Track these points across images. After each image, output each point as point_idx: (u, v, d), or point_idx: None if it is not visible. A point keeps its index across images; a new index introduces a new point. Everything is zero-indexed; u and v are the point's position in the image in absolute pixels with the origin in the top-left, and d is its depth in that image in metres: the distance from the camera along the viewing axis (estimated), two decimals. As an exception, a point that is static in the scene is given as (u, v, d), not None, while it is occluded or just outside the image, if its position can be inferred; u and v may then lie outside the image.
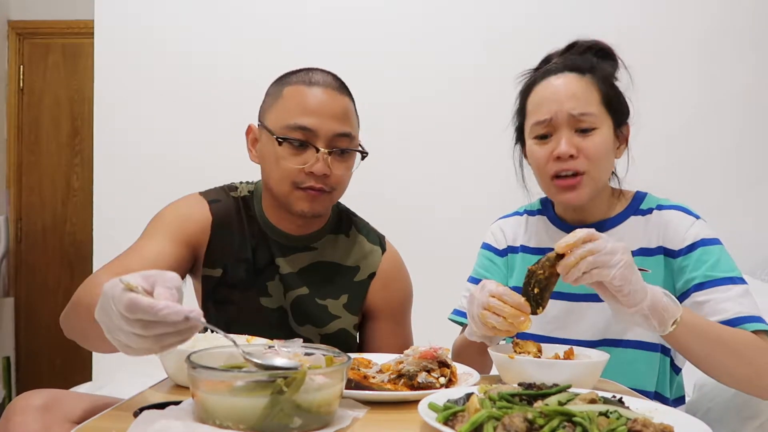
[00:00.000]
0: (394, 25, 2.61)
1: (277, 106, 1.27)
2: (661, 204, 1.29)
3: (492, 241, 1.44)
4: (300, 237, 1.35)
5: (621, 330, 1.25)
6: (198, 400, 0.75)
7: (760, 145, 2.55)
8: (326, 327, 1.36)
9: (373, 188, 2.32)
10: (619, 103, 1.28)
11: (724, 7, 2.55)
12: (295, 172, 1.24)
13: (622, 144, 1.31)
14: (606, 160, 1.25)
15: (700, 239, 1.21)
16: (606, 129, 1.24)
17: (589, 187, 1.24)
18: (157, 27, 2.63)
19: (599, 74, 1.27)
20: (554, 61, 1.31)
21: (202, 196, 1.36)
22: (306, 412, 0.74)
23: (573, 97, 1.23)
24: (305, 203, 1.25)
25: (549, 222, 1.37)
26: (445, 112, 2.58)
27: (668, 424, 0.70)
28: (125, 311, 0.71)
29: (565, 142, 1.22)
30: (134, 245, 1.24)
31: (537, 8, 2.57)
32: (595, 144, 1.22)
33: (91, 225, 2.63)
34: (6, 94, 3.76)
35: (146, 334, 0.71)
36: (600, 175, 1.25)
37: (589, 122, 1.22)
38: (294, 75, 1.30)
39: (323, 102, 1.24)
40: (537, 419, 0.69)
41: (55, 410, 1.01)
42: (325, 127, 1.23)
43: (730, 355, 1.09)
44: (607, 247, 0.98)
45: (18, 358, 3.71)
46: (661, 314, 1.02)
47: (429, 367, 0.98)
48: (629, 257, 1.00)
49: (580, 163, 1.22)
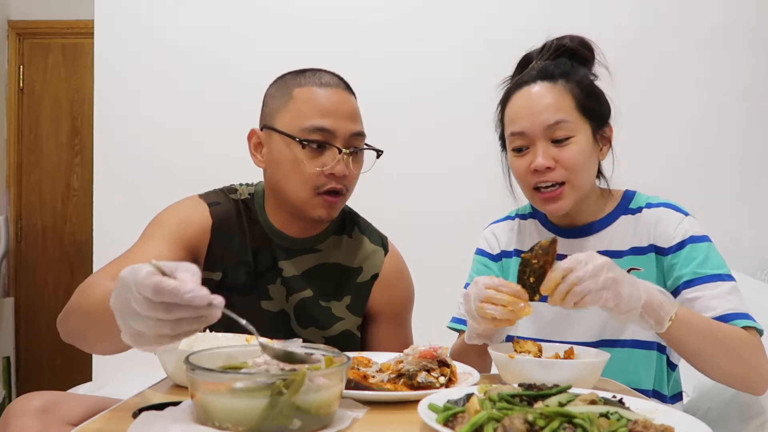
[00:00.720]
0: (394, 24, 2.61)
1: (289, 109, 1.25)
2: (650, 202, 1.29)
3: (486, 246, 1.44)
4: (304, 239, 1.34)
5: (618, 330, 1.25)
6: (197, 401, 0.75)
7: (760, 145, 2.55)
8: (330, 329, 1.35)
9: (372, 188, 2.33)
10: (597, 105, 1.27)
11: (724, 7, 2.55)
12: (315, 175, 1.23)
13: (604, 146, 1.29)
14: (586, 167, 1.24)
15: (689, 236, 1.21)
16: (582, 136, 1.23)
17: (570, 197, 1.23)
18: (157, 27, 2.63)
19: (574, 78, 1.25)
20: (530, 66, 1.29)
21: (202, 198, 1.34)
22: (305, 413, 0.73)
23: (546, 108, 1.22)
24: (323, 210, 1.25)
25: (540, 225, 1.38)
26: (447, 111, 2.58)
27: (669, 425, 0.70)
28: (152, 294, 0.69)
29: (541, 154, 1.21)
30: (132, 248, 1.23)
31: (537, 8, 2.56)
32: (572, 154, 1.21)
33: (91, 225, 2.63)
34: (6, 94, 3.76)
35: (168, 318, 0.70)
36: (581, 182, 1.24)
37: (564, 130, 1.21)
38: (301, 76, 1.28)
39: (337, 102, 1.24)
40: (537, 421, 0.69)
41: (53, 412, 1.01)
42: (343, 127, 1.23)
43: (723, 351, 1.10)
44: (589, 271, 0.98)
45: (18, 358, 3.71)
46: (657, 313, 1.03)
47: (429, 367, 0.98)
48: (615, 272, 1.00)
49: (558, 174, 1.21)
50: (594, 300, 0.98)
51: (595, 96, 1.27)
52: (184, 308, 0.70)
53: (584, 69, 1.28)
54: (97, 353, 1.01)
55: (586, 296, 0.98)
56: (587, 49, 1.29)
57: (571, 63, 1.27)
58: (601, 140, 1.27)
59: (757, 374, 1.12)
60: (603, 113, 1.28)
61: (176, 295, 0.69)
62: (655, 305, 1.02)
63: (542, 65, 1.27)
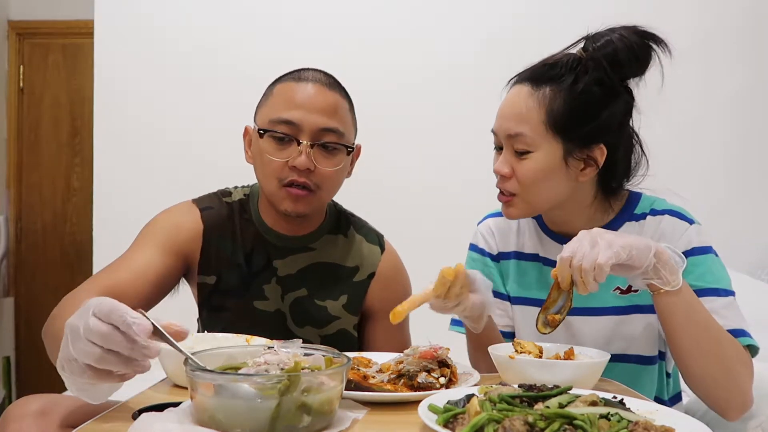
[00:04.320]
0: (394, 20, 2.61)
1: (267, 104, 1.28)
2: (655, 208, 1.25)
3: (483, 244, 1.38)
4: (297, 238, 1.34)
5: (623, 346, 1.23)
6: (197, 403, 0.75)
7: (760, 145, 2.55)
8: (326, 328, 1.35)
9: (372, 187, 2.33)
10: (578, 124, 1.15)
11: (717, 7, 2.55)
12: (279, 167, 1.23)
13: (588, 167, 1.18)
14: (543, 184, 1.17)
15: (690, 248, 1.18)
16: (543, 153, 1.15)
17: (521, 209, 1.20)
18: (157, 27, 2.63)
19: (564, 86, 1.15)
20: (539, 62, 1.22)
21: (195, 203, 1.35)
22: (311, 410, 0.74)
23: (513, 116, 1.17)
24: (289, 203, 1.24)
25: (539, 228, 1.33)
26: (445, 109, 2.58)
27: (669, 426, 0.70)
28: (104, 313, 0.73)
29: (501, 159, 1.20)
30: (123, 255, 1.25)
31: (536, 8, 2.57)
32: (526, 169, 1.16)
33: (91, 225, 2.63)
34: (6, 94, 3.75)
35: (101, 344, 0.72)
36: (533, 198, 1.19)
37: (522, 144, 1.16)
38: (288, 74, 1.30)
39: (309, 96, 1.24)
40: (537, 422, 0.69)
41: (51, 415, 1.01)
42: (310, 120, 1.22)
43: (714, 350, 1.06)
44: (585, 245, 0.99)
45: (18, 358, 3.71)
46: (670, 264, 1.02)
47: (429, 367, 0.98)
48: (611, 233, 1.01)
49: (511, 184, 1.19)
50: (607, 259, 0.96)
51: (582, 115, 1.15)
52: (121, 341, 0.72)
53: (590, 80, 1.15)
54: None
55: (597, 263, 0.96)
56: (638, 59, 1.18)
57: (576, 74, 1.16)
58: (577, 161, 1.17)
59: (739, 393, 1.08)
60: (587, 134, 1.16)
61: (121, 316, 0.72)
62: (666, 254, 1.02)
63: (538, 66, 1.20)
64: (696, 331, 1.06)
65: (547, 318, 1.07)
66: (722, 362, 1.07)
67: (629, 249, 0.98)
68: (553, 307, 1.07)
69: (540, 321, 1.07)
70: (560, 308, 1.06)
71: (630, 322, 1.24)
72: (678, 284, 1.03)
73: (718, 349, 1.07)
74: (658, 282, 1.03)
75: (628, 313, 1.24)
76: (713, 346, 1.07)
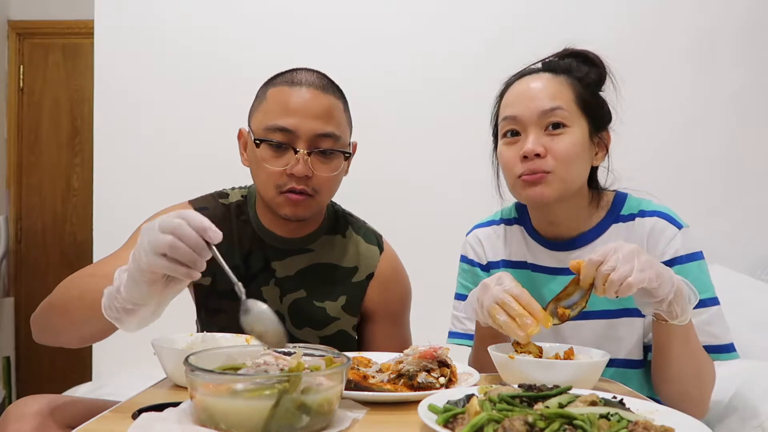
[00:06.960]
0: (394, 20, 2.61)
1: (260, 109, 1.27)
2: (644, 209, 1.24)
3: (473, 255, 1.39)
4: (295, 239, 1.34)
5: (613, 350, 1.22)
6: (197, 402, 0.75)
7: (759, 144, 2.55)
8: (325, 329, 1.35)
9: (371, 187, 2.33)
10: (597, 106, 1.24)
11: (717, 8, 2.54)
12: (277, 174, 1.22)
13: (600, 151, 1.25)
14: (576, 162, 1.19)
15: (677, 256, 1.18)
16: (578, 129, 1.19)
17: (554, 187, 1.18)
18: (157, 27, 2.63)
19: (576, 75, 1.23)
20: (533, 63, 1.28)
21: (191, 204, 1.35)
22: (310, 410, 0.74)
23: (544, 94, 1.19)
24: (288, 208, 1.24)
25: (527, 234, 1.33)
26: (441, 108, 2.58)
27: (669, 426, 0.70)
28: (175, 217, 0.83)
29: (532, 140, 1.18)
30: (116, 252, 1.23)
31: (536, 8, 2.56)
32: (564, 144, 1.17)
33: (91, 225, 2.63)
34: (6, 94, 3.75)
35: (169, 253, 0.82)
36: (568, 176, 1.18)
37: (560, 117, 1.18)
38: (280, 76, 1.29)
39: (304, 102, 1.22)
40: (537, 422, 0.69)
41: (51, 415, 1.01)
42: (306, 127, 1.21)
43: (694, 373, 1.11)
44: (620, 258, 0.97)
45: (18, 358, 3.70)
46: (684, 301, 1.01)
47: (429, 367, 0.98)
48: (647, 255, 0.98)
49: (547, 162, 1.17)
50: (638, 281, 0.95)
51: (597, 98, 1.25)
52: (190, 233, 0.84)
53: (590, 70, 1.25)
54: (68, 344, 1.07)
55: (626, 280, 0.95)
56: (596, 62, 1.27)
57: (577, 63, 1.25)
58: (597, 144, 1.24)
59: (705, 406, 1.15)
60: (603, 117, 1.25)
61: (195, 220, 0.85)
62: (684, 291, 1.01)
63: (548, 60, 1.27)
64: (686, 357, 1.09)
65: (557, 309, 1.06)
66: (699, 383, 1.12)
67: (659, 279, 0.97)
68: (566, 300, 1.05)
69: (549, 309, 1.06)
70: (573, 304, 1.05)
71: (620, 325, 1.24)
72: (685, 322, 1.03)
73: (698, 372, 1.12)
74: (667, 315, 1.02)
75: (618, 317, 1.24)
76: (696, 369, 1.11)
